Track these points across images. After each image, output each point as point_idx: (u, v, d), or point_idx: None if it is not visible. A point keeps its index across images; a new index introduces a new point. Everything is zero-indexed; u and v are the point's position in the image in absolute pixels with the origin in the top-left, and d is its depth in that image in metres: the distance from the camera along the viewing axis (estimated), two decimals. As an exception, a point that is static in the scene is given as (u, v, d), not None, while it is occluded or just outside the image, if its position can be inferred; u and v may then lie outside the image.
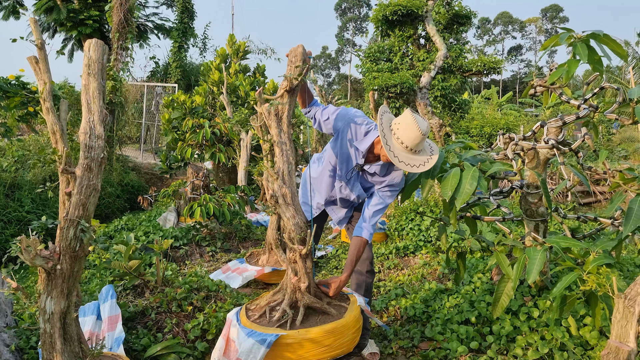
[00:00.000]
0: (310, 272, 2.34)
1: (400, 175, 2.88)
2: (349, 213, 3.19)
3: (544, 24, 68.44)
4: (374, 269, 3.24)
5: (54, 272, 1.79)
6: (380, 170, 2.86)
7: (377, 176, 2.89)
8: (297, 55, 2.47)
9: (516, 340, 2.94)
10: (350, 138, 2.82)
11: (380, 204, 2.89)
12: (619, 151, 17.49)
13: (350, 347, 2.24)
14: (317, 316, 2.28)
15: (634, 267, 4.01)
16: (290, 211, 2.22)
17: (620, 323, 1.87)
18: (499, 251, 2.72)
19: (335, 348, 2.13)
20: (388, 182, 2.89)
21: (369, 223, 2.85)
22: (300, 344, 2.10)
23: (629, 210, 2.33)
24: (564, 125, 2.87)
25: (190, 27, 20.11)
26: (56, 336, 1.83)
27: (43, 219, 2.00)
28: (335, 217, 3.21)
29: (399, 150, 2.52)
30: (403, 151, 2.53)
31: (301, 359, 2.11)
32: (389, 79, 9.57)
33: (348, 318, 2.23)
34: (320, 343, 2.10)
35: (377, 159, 2.86)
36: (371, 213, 2.87)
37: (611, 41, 2.57)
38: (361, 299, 2.51)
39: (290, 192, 2.24)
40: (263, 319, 2.33)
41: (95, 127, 1.85)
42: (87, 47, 1.92)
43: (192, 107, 8.32)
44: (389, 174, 2.88)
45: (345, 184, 2.94)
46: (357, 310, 2.35)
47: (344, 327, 2.17)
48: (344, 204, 3.13)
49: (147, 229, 6.40)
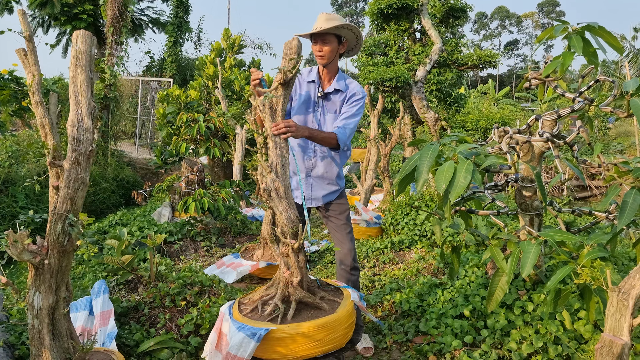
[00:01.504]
0: (303, 267, 2.32)
1: (357, 86, 3.10)
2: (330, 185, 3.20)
3: (540, 19, 68.45)
4: (358, 265, 3.24)
5: (41, 267, 1.76)
6: (338, 86, 3.06)
7: (339, 94, 3.07)
8: (292, 48, 2.44)
9: (510, 334, 2.93)
10: (300, 84, 3.11)
11: (347, 112, 3.03)
12: (615, 145, 17.52)
13: (343, 342, 2.22)
14: (309, 311, 2.26)
15: (629, 260, 4.01)
16: (282, 205, 2.20)
17: (614, 316, 1.85)
18: (493, 245, 2.71)
19: (327, 343, 2.12)
20: (348, 95, 3.06)
21: (340, 125, 2.96)
22: (292, 338, 2.08)
23: (624, 203, 2.32)
24: (559, 118, 2.85)
25: (185, 22, 19.99)
26: (44, 332, 1.81)
27: (30, 213, 1.98)
28: (318, 194, 3.20)
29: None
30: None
31: (293, 353, 2.09)
32: (384, 73, 9.53)
33: (340, 313, 2.21)
34: (312, 337, 2.08)
35: (330, 78, 3.09)
36: (340, 121, 3.00)
37: (606, 33, 2.55)
38: (355, 293, 2.49)
39: (282, 185, 2.22)
40: (255, 313, 2.31)
41: (83, 119, 1.82)
42: (75, 38, 1.89)
43: (187, 101, 8.27)
44: (348, 88, 3.09)
45: (316, 120, 3.09)
46: (350, 306, 2.33)
47: (336, 322, 2.16)
48: (325, 168, 3.15)
49: (142, 224, 6.37)
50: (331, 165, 3.17)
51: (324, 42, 2.97)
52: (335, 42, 3.00)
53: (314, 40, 2.99)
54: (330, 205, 3.24)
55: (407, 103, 10.58)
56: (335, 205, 3.24)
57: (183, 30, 20.18)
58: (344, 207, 3.27)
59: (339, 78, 3.11)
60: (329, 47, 2.98)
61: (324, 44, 2.97)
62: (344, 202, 3.28)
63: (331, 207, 3.24)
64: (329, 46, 2.98)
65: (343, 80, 3.12)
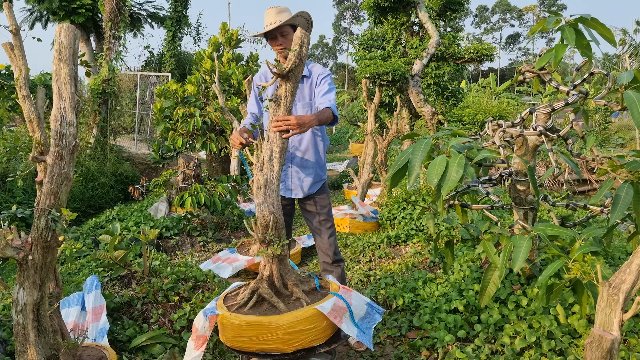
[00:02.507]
0: (274, 261, 2.30)
1: (320, 67, 3.16)
2: (311, 176, 3.19)
3: (541, 12, 68.16)
4: (341, 257, 3.26)
5: (25, 263, 1.75)
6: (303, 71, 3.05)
7: (305, 80, 3.11)
8: (295, 39, 2.39)
9: (504, 329, 2.92)
10: (259, 85, 3.14)
11: (322, 90, 3.04)
12: (615, 139, 17.47)
13: (283, 347, 2.11)
14: (265, 307, 2.24)
15: (626, 254, 3.99)
16: (259, 198, 2.19)
17: (605, 311, 1.84)
18: (486, 239, 2.69)
19: (259, 342, 2.08)
20: (315, 77, 3.10)
21: (324, 101, 2.96)
22: (231, 327, 2.15)
23: (616, 197, 2.30)
24: (553, 112, 2.83)
25: (184, 16, 19.89)
26: (29, 328, 1.80)
27: (13, 208, 1.96)
28: (299, 183, 3.19)
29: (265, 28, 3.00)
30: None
31: (230, 342, 2.19)
32: (381, 67, 9.47)
33: (281, 317, 2.11)
34: (243, 332, 2.11)
35: None
36: (321, 97, 3.01)
37: (600, 25, 2.52)
38: (329, 303, 2.22)
39: (264, 179, 2.20)
40: (231, 302, 2.34)
41: (66, 114, 1.80)
42: (58, 31, 1.87)
43: (184, 96, 8.24)
44: (312, 72, 3.13)
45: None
46: (308, 313, 2.15)
47: (270, 325, 2.08)
48: (305, 155, 3.16)
49: (138, 219, 6.36)
50: (312, 153, 3.16)
51: (282, 34, 3.01)
52: (292, 31, 3.03)
53: (271, 37, 3.03)
54: (311, 199, 3.22)
55: (405, 97, 10.54)
56: (317, 199, 3.22)
57: (182, 25, 20.08)
58: (325, 202, 3.25)
59: None
60: (288, 37, 3.01)
61: (283, 36, 3.01)
62: (325, 197, 3.26)
63: (312, 201, 3.22)
64: (288, 36, 3.01)
65: (305, 66, 3.11)
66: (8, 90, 7.69)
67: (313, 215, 3.22)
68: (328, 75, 3.11)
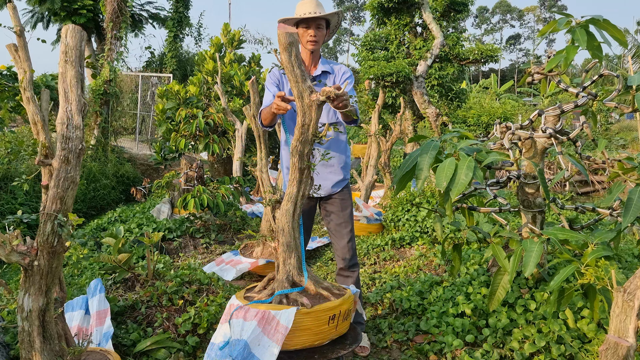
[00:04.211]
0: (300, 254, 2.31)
1: (343, 66, 3.10)
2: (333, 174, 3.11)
3: (542, 13, 68.12)
4: (357, 262, 3.18)
5: (31, 269, 1.72)
6: (324, 68, 3.02)
7: (328, 76, 3.04)
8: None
9: (513, 333, 2.88)
10: (285, 79, 3.01)
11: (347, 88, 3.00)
12: (617, 140, 17.45)
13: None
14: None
15: (632, 257, 3.96)
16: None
17: (619, 317, 1.80)
18: (495, 243, 2.66)
19: None
20: (338, 75, 3.05)
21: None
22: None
23: (629, 200, 2.26)
24: (562, 113, 2.80)
25: (185, 17, 19.88)
26: (35, 334, 1.77)
27: (18, 213, 1.93)
28: (324, 184, 3.10)
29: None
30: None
31: None
32: (385, 68, 9.44)
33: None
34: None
35: (315, 64, 3.06)
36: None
37: (611, 27, 2.49)
38: (284, 314, 2.21)
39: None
40: (253, 293, 2.46)
41: (73, 117, 1.77)
42: (64, 33, 1.84)
43: (186, 97, 8.21)
44: (334, 70, 3.07)
45: None
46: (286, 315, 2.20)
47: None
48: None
49: (141, 221, 6.33)
50: (334, 150, 3.07)
51: (318, 27, 2.92)
52: (325, 27, 2.97)
53: (305, 25, 2.91)
54: (332, 198, 3.12)
55: (408, 98, 10.50)
56: (338, 200, 3.12)
57: (183, 26, 20.08)
58: (347, 203, 3.15)
59: (322, 62, 3.07)
60: (322, 32, 2.94)
61: (318, 29, 2.92)
62: (347, 197, 3.16)
63: (333, 202, 3.12)
64: (322, 31, 2.94)
65: (327, 63, 3.08)
66: (12, 92, 7.68)
67: (333, 216, 3.12)
68: (351, 75, 3.06)
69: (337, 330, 2.29)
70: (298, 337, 2.16)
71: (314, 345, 2.21)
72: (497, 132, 2.98)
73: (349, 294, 2.37)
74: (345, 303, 2.30)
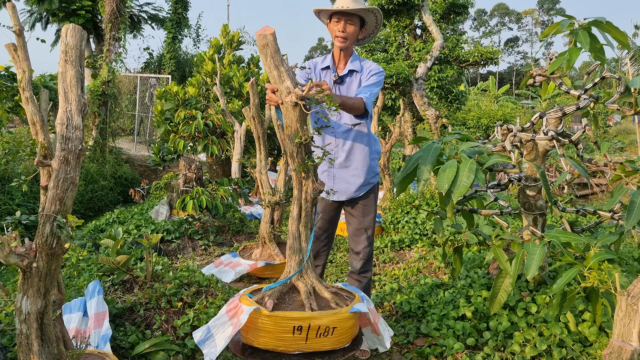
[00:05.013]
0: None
1: (373, 63, 2.97)
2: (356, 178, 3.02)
3: (540, 16, 68.29)
4: (370, 268, 3.13)
5: (29, 271, 1.70)
6: (353, 67, 2.95)
7: (355, 75, 2.95)
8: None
9: (514, 337, 2.87)
10: (314, 72, 2.99)
11: (368, 82, 2.90)
12: (615, 143, 17.50)
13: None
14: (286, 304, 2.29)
15: (633, 260, 3.95)
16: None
17: (623, 321, 1.79)
18: (496, 246, 2.64)
19: None
20: (365, 72, 2.95)
21: (364, 92, 2.81)
22: None
23: (631, 203, 2.25)
24: (564, 116, 2.79)
25: (184, 18, 19.88)
26: (33, 337, 1.74)
27: (17, 214, 1.91)
28: (341, 187, 3.02)
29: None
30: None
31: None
32: (385, 70, 9.45)
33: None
34: None
35: (345, 62, 2.98)
36: (362, 89, 2.87)
37: (614, 29, 2.48)
38: None
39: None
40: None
41: (72, 117, 1.75)
42: (64, 32, 1.82)
43: (185, 98, 8.19)
44: (363, 68, 2.96)
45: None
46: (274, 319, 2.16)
47: None
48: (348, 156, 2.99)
49: (139, 222, 6.30)
50: (357, 153, 2.98)
51: (349, 23, 2.82)
52: (358, 25, 2.86)
53: (337, 19, 2.82)
54: (355, 203, 3.04)
55: (408, 100, 10.49)
56: (362, 204, 3.03)
57: (182, 27, 20.07)
58: (370, 209, 3.06)
59: (353, 59, 2.96)
60: (353, 28, 2.83)
61: (349, 24, 2.82)
62: (371, 203, 3.06)
63: (355, 206, 3.04)
64: (353, 27, 2.83)
65: (358, 61, 2.96)
66: (10, 92, 7.65)
67: (353, 220, 3.07)
68: (380, 72, 2.93)
69: (307, 344, 2.11)
70: (261, 337, 2.15)
71: (277, 351, 2.14)
72: (498, 135, 2.97)
73: (340, 311, 2.18)
74: (324, 318, 2.11)
